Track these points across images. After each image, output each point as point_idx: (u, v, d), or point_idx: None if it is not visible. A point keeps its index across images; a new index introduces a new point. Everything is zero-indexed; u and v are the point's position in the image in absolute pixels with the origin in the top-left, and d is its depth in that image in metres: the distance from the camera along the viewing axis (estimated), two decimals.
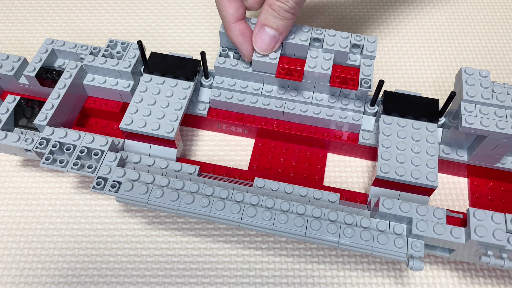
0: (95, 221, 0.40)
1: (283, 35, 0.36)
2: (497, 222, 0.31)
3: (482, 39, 0.52)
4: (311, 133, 0.40)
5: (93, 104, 0.42)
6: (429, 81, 0.49)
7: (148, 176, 0.35)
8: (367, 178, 0.42)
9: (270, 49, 0.37)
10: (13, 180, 0.42)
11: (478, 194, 0.40)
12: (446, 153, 0.39)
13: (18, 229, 0.40)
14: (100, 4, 0.56)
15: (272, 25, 0.35)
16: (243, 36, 0.37)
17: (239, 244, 0.39)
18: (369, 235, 0.32)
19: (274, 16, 0.35)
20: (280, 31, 0.36)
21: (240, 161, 0.43)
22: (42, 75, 0.40)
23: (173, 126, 0.37)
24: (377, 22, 0.54)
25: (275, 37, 0.36)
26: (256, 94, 0.40)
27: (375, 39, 0.38)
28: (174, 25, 0.54)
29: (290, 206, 0.33)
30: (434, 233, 0.31)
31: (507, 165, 0.38)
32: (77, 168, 0.35)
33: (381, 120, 0.37)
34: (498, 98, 0.35)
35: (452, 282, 0.37)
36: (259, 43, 0.36)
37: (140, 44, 0.38)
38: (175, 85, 0.39)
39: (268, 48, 0.37)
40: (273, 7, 0.35)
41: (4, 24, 0.54)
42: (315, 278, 0.37)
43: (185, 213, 0.33)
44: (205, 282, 0.37)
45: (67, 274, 0.37)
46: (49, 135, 0.36)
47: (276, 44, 0.37)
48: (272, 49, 0.37)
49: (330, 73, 0.37)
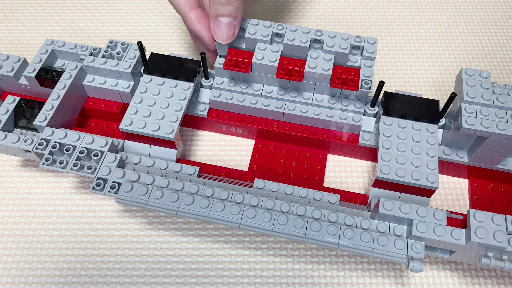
0: (95, 221, 0.40)
1: (238, 18, 0.36)
2: (497, 224, 0.31)
3: (482, 39, 0.52)
4: (311, 134, 0.40)
5: (93, 105, 0.42)
6: (429, 82, 0.49)
7: (148, 177, 0.35)
8: (367, 178, 0.42)
9: (231, 36, 0.36)
10: (13, 180, 0.42)
11: (479, 196, 0.40)
12: (447, 154, 0.39)
13: (18, 229, 0.40)
14: (100, 4, 0.56)
15: (223, 13, 0.35)
16: (200, 23, 0.36)
17: (239, 244, 0.39)
18: (369, 236, 0.32)
19: (222, 4, 0.35)
20: (233, 15, 0.36)
21: (240, 161, 0.43)
22: (42, 75, 0.40)
23: (173, 127, 0.37)
24: (377, 22, 0.54)
25: (231, 23, 0.36)
26: (256, 95, 0.40)
27: (375, 40, 0.38)
28: (174, 25, 0.54)
29: (290, 207, 0.33)
30: (434, 235, 0.31)
31: (508, 166, 0.38)
32: (76, 169, 0.35)
33: (381, 121, 0.37)
34: (499, 99, 0.35)
35: (452, 282, 0.37)
36: (219, 34, 0.36)
37: (140, 44, 0.38)
38: (175, 86, 0.39)
39: (229, 36, 0.36)
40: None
41: (4, 24, 0.54)
42: (315, 278, 0.37)
43: (184, 214, 0.33)
44: (205, 282, 0.37)
45: (67, 274, 0.37)
46: (48, 136, 0.36)
47: (235, 29, 0.36)
48: (233, 35, 0.37)
49: (330, 74, 0.37)
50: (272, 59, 0.37)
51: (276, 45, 0.38)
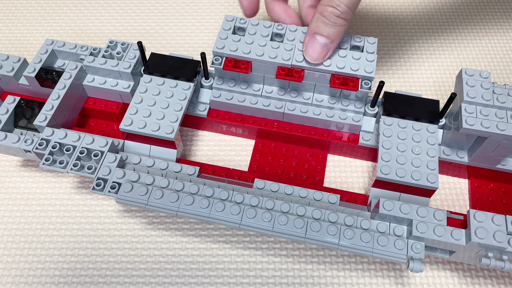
0: (95, 221, 0.40)
1: (335, 42, 0.35)
2: (497, 224, 0.31)
3: (482, 39, 0.52)
4: (311, 134, 0.40)
5: (93, 105, 0.42)
6: (429, 82, 0.49)
7: (148, 177, 0.35)
8: (367, 178, 0.42)
9: (322, 58, 0.35)
10: (13, 180, 0.42)
11: (479, 196, 0.40)
12: (447, 154, 0.39)
13: (18, 229, 0.40)
14: (100, 4, 0.56)
15: (323, 32, 0.34)
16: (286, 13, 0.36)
17: (239, 244, 0.39)
18: (369, 236, 0.32)
19: (325, 23, 0.33)
20: (331, 38, 0.34)
21: (240, 161, 0.43)
22: (42, 75, 0.40)
23: (173, 127, 0.37)
24: (377, 22, 0.54)
25: (327, 45, 0.34)
26: (256, 95, 0.40)
27: (375, 40, 0.38)
28: (174, 25, 0.54)
29: (290, 208, 0.33)
30: (435, 235, 0.31)
31: (508, 167, 0.38)
32: (77, 169, 0.35)
33: (382, 121, 0.37)
34: (499, 100, 0.35)
35: (452, 282, 0.37)
36: (310, 52, 0.35)
37: (140, 44, 0.38)
38: (175, 86, 0.39)
39: (320, 57, 0.35)
40: (324, 13, 0.33)
41: (4, 24, 0.54)
42: (315, 278, 0.37)
43: (185, 214, 0.33)
44: (205, 282, 0.37)
45: (67, 274, 0.37)
46: (49, 136, 0.36)
47: (328, 53, 0.35)
48: (323, 57, 0.35)
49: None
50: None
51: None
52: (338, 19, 0.33)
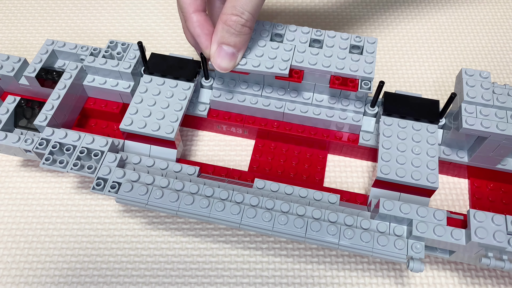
0: (95, 221, 0.40)
1: (242, 50, 0.36)
2: (497, 224, 0.31)
3: (482, 39, 0.52)
4: (311, 134, 0.40)
5: (93, 105, 0.42)
6: (429, 82, 0.49)
7: (148, 177, 0.35)
8: (367, 178, 0.42)
9: (231, 66, 0.36)
10: (13, 180, 0.42)
11: (479, 196, 0.40)
12: (447, 154, 0.39)
13: (18, 229, 0.40)
14: (100, 5, 0.56)
15: (230, 42, 0.34)
16: (201, 27, 0.35)
17: (239, 244, 0.39)
18: (369, 236, 0.32)
19: (231, 33, 0.34)
20: (238, 47, 0.35)
21: (240, 161, 0.43)
22: (42, 75, 0.40)
23: (173, 127, 0.37)
24: (377, 22, 0.54)
25: (234, 54, 0.35)
26: (256, 95, 0.40)
27: (375, 40, 0.38)
28: (174, 25, 0.54)
29: (290, 207, 0.33)
30: (435, 235, 0.31)
31: (508, 166, 0.38)
32: (77, 168, 0.35)
33: (381, 121, 0.37)
34: (499, 99, 0.35)
35: (452, 282, 0.37)
36: (219, 62, 0.35)
37: (141, 45, 0.38)
38: (175, 86, 0.39)
39: (229, 66, 0.35)
40: (229, 22, 0.33)
41: (4, 25, 0.54)
42: (315, 278, 0.37)
43: (185, 214, 0.33)
44: (205, 282, 0.37)
45: (67, 274, 0.37)
46: (49, 135, 0.36)
47: (236, 60, 0.36)
48: (233, 66, 0.36)
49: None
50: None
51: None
52: (243, 28, 0.34)
